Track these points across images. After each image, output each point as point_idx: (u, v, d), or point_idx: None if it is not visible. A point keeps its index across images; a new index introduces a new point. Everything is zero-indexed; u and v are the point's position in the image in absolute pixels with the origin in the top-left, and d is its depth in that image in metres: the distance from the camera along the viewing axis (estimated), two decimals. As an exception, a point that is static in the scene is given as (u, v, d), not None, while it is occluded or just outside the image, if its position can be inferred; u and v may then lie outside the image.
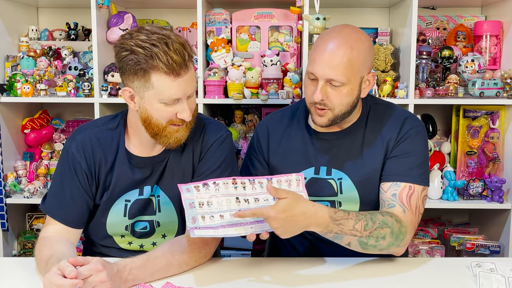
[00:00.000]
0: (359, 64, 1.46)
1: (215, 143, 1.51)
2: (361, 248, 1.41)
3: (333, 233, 1.35)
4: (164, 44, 1.31)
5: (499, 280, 1.27)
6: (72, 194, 1.46)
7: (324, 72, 1.44)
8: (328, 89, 1.46)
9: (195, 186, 1.30)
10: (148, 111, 1.37)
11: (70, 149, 1.47)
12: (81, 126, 1.54)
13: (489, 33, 2.49)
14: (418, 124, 1.56)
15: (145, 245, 1.53)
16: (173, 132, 1.40)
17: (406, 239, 1.44)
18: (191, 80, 1.38)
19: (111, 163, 1.47)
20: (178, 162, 1.50)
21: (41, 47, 2.58)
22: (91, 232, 1.54)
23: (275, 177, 1.36)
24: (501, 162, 2.45)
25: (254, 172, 1.65)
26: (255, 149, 1.67)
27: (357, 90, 1.49)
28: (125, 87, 1.39)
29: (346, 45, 1.44)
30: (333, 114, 1.49)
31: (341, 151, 1.57)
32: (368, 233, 1.38)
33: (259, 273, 1.38)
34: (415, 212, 1.48)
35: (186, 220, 1.27)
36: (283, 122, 1.66)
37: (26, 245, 2.61)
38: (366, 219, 1.38)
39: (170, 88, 1.33)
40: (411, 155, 1.52)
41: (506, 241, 2.41)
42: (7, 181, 2.45)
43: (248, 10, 2.51)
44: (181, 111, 1.37)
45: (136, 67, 1.32)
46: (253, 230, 1.28)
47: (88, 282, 1.16)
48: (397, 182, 1.50)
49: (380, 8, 2.73)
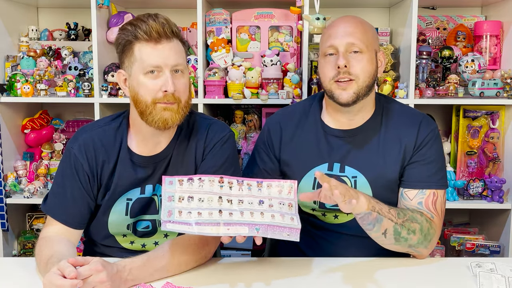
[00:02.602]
0: (371, 35, 1.54)
1: (218, 143, 1.50)
2: (394, 240, 1.43)
3: (375, 211, 1.38)
4: (147, 16, 1.38)
5: (499, 280, 1.27)
6: (74, 195, 1.46)
7: (343, 39, 1.49)
8: (350, 58, 1.49)
9: (179, 179, 1.29)
10: (135, 88, 1.40)
11: (72, 150, 1.47)
12: (84, 127, 1.54)
13: (489, 33, 2.49)
14: (434, 127, 1.57)
15: (147, 245, 1.53)
16: (159, 110, 1.38)
17: (433, 241, 1.49)
18: (174, 51, 1.39)
19: (114, 163, 1.47)
20: (181, 161, 1.50)
21: (41, 47, 2.58)
22: (93, 232, 1.54)
23: (266, 181, 1.34)
24: (501, 162, 2.45)
25: (262, 165, 1.64)
26: (266, 143, 1.66)
27: (374, 62, 1.53)
28: (119, 70, 1.44)
29: (356, 18, 1.56)
30: (358, 85, 1.49)
31: (356, 149, 1.57)
32: (401, 222, 1.42)
33: (259, 273, 1.38)
34: (441, 216, 1.53)
35: (161, 212, 1.26)
36: (295, 118, 1.65)
37: (26, 245, 2.61)
38: (397, 210, 1.45)
39: (150, 55, 1.36)
40: (433, 161, 1.54)
41: (506, 241, 2.41)
42: (7, 181, 2.45)
43: (248, 10, 2.51)
44: (164, 83, 1.37)
45: (125, 44, 1.39)
46: (229, 232, 1.24)
47: (88, 282, 1.16)
48: (422, 190, 1.52)
49: (380, 8, 2.73)
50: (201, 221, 1.24)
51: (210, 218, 1.24)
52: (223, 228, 1.24)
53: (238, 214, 1.26)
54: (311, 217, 1.62)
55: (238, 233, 1.23)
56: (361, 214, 1.38)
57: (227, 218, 1.25)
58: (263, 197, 1.31)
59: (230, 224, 1.24)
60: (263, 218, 1.26)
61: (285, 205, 1.31)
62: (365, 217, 1.39)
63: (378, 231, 1.41)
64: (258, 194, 1.32)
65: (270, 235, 1.25)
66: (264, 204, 1.30)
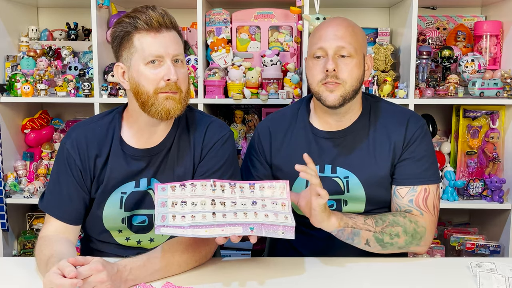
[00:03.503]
0: (361, 38, 1.55)
1: (218, 142, 1.50)
2: (380, 246, 1.46)
3: (349, 227, 1.41)
4: (146, 7, 1.38)
5: (499, 280, 1.27)
6: (69, 190, 1.46)
7: (333, 42, 1.50)
8: (338, 62, 1.50)
9: (172, 186, 1.30)
10: (136, 79, 1.39)
11: (65, 145, 1.48)
12: (77, 124, 1.54)
13: (489, 33, 2.49)
14: (422, 124, 1.58)
15: (143, 241, 1.52)
16: (162, 100, 1.38)
17: (426, 239, 1.51)
18: (175, 41, 1.40)
19: (106, 156, 1.47)
20: (178, 157, 1.49)
21: (41, 47, 2.58)
22: (89, 227, 1.53)
23: (258, 182, 1.35)
24: (501, 162, 2.45)
25: (255, 172, 1.65)
26: (256, 150, 1.67)
27: (362, 66, 1.54)
28: (117, 63, 1.44)
29: (346, 21, 1.56)
30: (345, 89, 1.50)
31: (346, 149, 1.58)
32: (380, 229, 1.44)
33: (259, 273, 1.38)
34: (433, 211, 1.54)
35: (155, 218, 1.26)
36: (285, 122, 1.67)
37: (26, 245, 2.61)
38: (375, 218, 1.47)
39: (151, 45, 1.37)
40: (423, 157, 1.55)
41: (506, 241, 2.41)
42: (7, 181, 2.45)
43: (248, 10, 2.51)
44: (167, 72, 1.37)
45: (123, 36, 1.40)
46: (224, 233, 1.24)
47: (88, 282, 1.16)
48: (413, 187, 1.53)
49: (380, 8, 2.73)
50: (195, 224, 1.24)
51: (204, 221, 1.25)
52: (217, 230, 1.24)
53: (231, 215, 1.27)
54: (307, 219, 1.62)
55: (233, 233, 1.24)
56: (335, 232, 1.43)
57: (221, 220, 1.25)
58: (256, 198, 1.32)
59: (224, 225, 1.25)
60: (256, 218, 1.27)
61: (278, 205, 1.32)
62: (339, 234, 1.43)
63: (360, 243, 1.46)
64: (251, 196, 1.33)
65: (265, 234, 1.25)
66: (257, 204, 1.30)
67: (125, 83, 1.44)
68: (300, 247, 1.65)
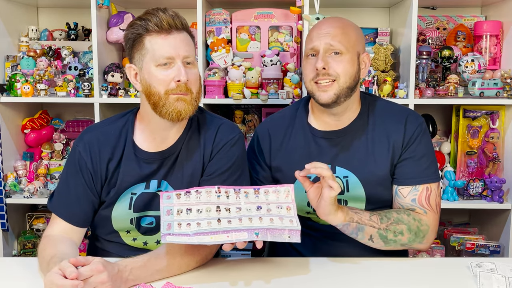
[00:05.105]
0: (353, 37, 1.53)
1: (227, 144, 1.50)
2: (383, 242, 1.47)
3: (354, 221, 1.43)
4: (157, 10, 1.39)
5: (499, 280, 1.27)
6: (78, 193, 1.46)
7: (322, 40, 1.51)
8: (329, 59, 1.51)
9: (177, 194, 1.31)
10: (147, 80, 1.40)
11: (78, 148, 1.48)
12: (90, 126, 1.55)
13: (489, 33, 2.49)
14: (420, 122, 1.58)
15: (149, 243, 1.52)
16: (173, 102, 1.39)
17: (428, 236, 1.52)
18: (185, 42, 1.41)
19: (118, 160, 1.48)
20: (188, 159, 1.49)
21: (41, 47, 2.58)
22: (97, 226, 1.54)
23: (263, 187, 1.35)
24: (501, 162, 2.45)
25: (254, 175, 1.65)
26: (256, 152, 1.67)
27: (356, 64, 1.54)
28: (129, 65, 1.45)
29: (339, 20, 1.57)
30: (338, 85, 1.51)
31: (345, 149, 1.58)
32: (385, 226, 1.46)
33: (259, 273, 1.38)
34: (436, 209, 1.55)
35: (161, 226, 1.27)
36: (284, 123, 1.67)
37: (26, 245, 2.61)
38: (381, 215, 1.48)
39: (162, 46, 1.37)
40: (423, 156, 1.55)
41: (506, 241, 2.41)
42: (7, 181, 2.45)
43: (248, 10, 2.51)
44: (177, 74, 1.38)
45: (134, 38, 1.40)
46: (229, 239, 1.24)
47: (89, 282, 1.16)
48: (415, 186, 1.54)
49: (380, 8, 2.73)
50: (200, 231, 1.24)
51: (209, 227, 1.25)
52: (222, 236, 1.24)
53: (236, 221, 1.27)
54: (307, 220, 1.63)
55: (238, 239, 1.24)
56: (340, 226, 1.44)
57: (226, 226, 1.26)
58: (261, 203, 1.32)
59: (230, 231, 1.25)
60: (261, 223, 1.27)
61: (283, 209, 1.32)
62: (344, 228, 1.45)
63: (364, 238, 1.47)
64: (256, 201, 1.33)
65: (270, 238, 1.25)
66: (262, 209, 1.31)
67: (138, 85, 1.45)
68: (300, 247, 1.65)
